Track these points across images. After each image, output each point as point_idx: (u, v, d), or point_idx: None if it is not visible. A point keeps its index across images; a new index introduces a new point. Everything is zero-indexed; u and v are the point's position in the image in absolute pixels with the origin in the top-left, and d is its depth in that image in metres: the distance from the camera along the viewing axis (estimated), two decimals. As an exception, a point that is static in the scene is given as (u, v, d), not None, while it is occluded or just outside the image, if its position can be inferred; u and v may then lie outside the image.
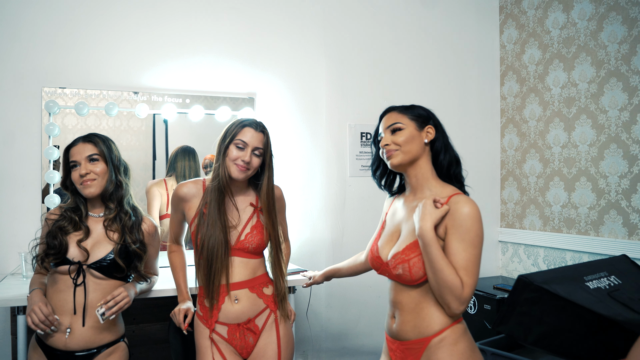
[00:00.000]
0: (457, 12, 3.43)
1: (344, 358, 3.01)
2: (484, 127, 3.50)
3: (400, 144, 1.67)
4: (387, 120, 1.72)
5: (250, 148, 1.88)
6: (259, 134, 1.90)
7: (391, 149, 1.67)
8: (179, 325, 1.95)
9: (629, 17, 2.75)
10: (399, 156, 1.67)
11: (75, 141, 1.97)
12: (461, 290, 1.54)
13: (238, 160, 1.87)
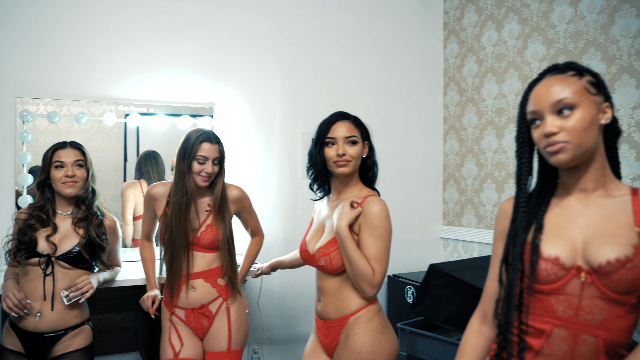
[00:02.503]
0: (404, 28, 3.74)
1: (296, 344, 3.29)
2: (428, 134, 3.82)
3: (353, 157, 1.93)
4: (343, 129, 1.92)
5: (210, 160, 2.16)
6: (214, 146, 2.18)
7: (346, 159, 1.91)
8: (147, 310, 2.23)
9: (548, 38, 3.09)
10: (350, 167, 1.92)
11: (63, 144, 2.26)
12: (372, 277, 1.84)
13: (202, 173, 2.15)
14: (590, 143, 1.21)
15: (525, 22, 3.26)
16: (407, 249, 3.67)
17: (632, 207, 1.21)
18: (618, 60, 2.77)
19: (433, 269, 2.39)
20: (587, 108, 1.21)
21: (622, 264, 1.16)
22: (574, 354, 1.20)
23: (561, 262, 1.23)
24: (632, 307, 1.19)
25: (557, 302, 1.23)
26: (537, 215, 1.31)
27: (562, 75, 1.25)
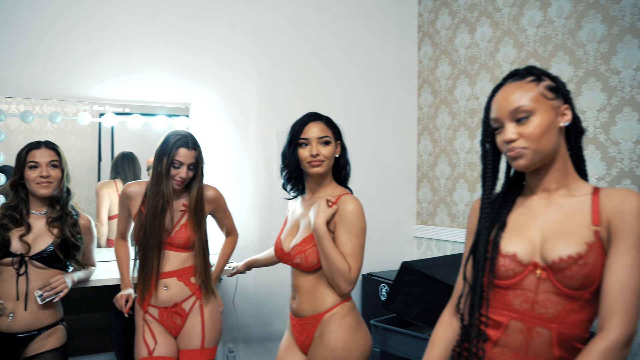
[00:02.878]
0: (379, 29, 3.79)
1: (272, 342, 3.31)
2: (403, 134, 3.87)
3: (327, 157, 1.97)
4: (316, 130, 1.96)
5: (185, 166, 2.18)
6: (191, 152, 2.20)
7: (320, 159, 1.94)
8: (120, 309, 2.24)
9: (519, 41, 3.17)
10: (323, 167, 1.96)
11: (37, 144, 2.25)
12: (349, 273, 1.88)
13: (176, 177, 2.18)
14: (549, 147, 1.27)
15: (496, 26, 3.33)
16: (381, 248, 3.72)
17: (591, 206, 1.26)
18: (585, 64, 2.85)
19: (405, 267, 2.44)
20: (543, 114, 1.27)
21: (574, 261, 1.22)
22: (529, 345, 1.26)
23: (518, 258, 1.29)
24: (585, 303, 1.24)
25: (515, 296, 1.28)
26: (501, 214, 1.36)
27: (521, 82, 1.31)
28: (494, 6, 3.36)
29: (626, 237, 1.21)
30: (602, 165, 2.79)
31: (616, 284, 1.19)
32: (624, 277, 1.19)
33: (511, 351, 1.28)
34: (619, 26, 2.71)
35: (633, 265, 1.19)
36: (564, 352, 1.25)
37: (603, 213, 1.24)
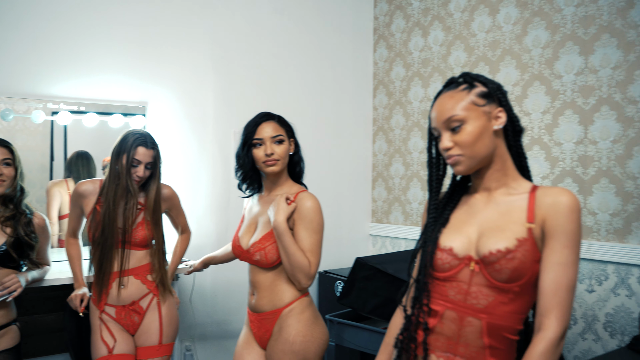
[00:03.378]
0: (336, 31, 3.86)
1: (229, 340, 3.34)
2: (358, 134, 3.96)
3: (281, 156, 2.01)
4: (269, 129, 1.99)
5: (143, 165, 2.21)
6: (149, 151, 2.22)
7: (274, 158, 1.98)
8: (75, 309, 2.22)
9: (469, 45, 3.30)
10: (279, 166, 2.00)
11: None
12: (309, 268, 1.93)
13: (133, 175, 2.19)
14: (483, 151, 1.35)
15: (448, 30, 3.45)
16: (337, 246, 3.79)
17: (527, 204, 1.34)
18: (530, 69, 2.99)
19: (359, 262, 2.51)
20: (475, 121, 1.34)
21: (503, 255, 1.29)
22: (460, 334, 1.34)
23: (454, 252, 1.37)
24: (515, 295, 1.31)
25: (450, 288, 1.37)
26: (444, 213, 1.45)
27: (454, 91, 1.38)
28: (446, 11, 3.48)
29: (559, 236, 1.28)
30: (546, 165, 2.93)
31: (551, 283, 1.27)
32: (557, 276, 1.27)
33: (445, 338, 1.37)
34: (561, 33, 2.86)
35: (566, 263, 1.27)
36: (493, 341, 1.32)
37: (538, 211, 1.31)
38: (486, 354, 1.33)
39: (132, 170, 2.18)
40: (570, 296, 1.27)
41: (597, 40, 2.71)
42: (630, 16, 2.59)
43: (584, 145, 2.77)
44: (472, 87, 1.38)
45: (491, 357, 1.33)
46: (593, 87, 2.73)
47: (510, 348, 1.35)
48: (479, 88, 1.38)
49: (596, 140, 2.73)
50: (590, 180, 2.75)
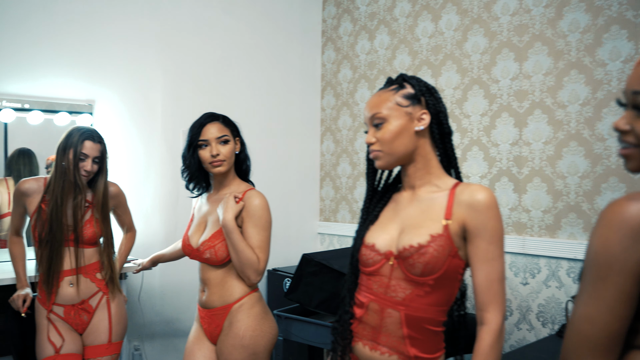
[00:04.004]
0: (285, 33, 3.92)
1: (178, 338, 3.35)
2: (306, 135, 4.04)
3: (227, 156, 2.05)
4: (214, 130, 2.03)
5: (90, 159, 2.21)
6: (96, 145, 2.23)
7: (220, 158, 2.02)
8: (17, 309, 2.20)
9: (413, 49, 3.43)
10: (225, 166, 2.04)
11: None
12: (258, 264, 1.99)
13: (81, 170, 2.19)
14: (402, 149, 1.43)
15: (394, 34, 3.58)
16: (286, 244, 3.85)
17: (447, 201, 1.41)
18: (470, 73, 3.14)
19: (305, 258, 2.58)
20: (396, 120, 1.42)
21: (416, 250, 1.37)
22: (382, 324, 1.43)
23: (377, 248, 1.45)
24: (431, 288, 1.39)
25: (374, 282, 1.45)
26: (374, 210, 1.54)
27: (385, 90, 1.47)
28: (391, 16, 3.60)
29: (483, 234, 1.35)
30: (484, 165, 3.09)
31: (484, 280, 1.36)
32: (488, 272, 1.35)
33: (370, 328, 1.45)
34: (498, 40, 3.02)
35: (494, 258, 1.35)
36: (412, 331, 1.40)
37: (456, 208, 1.38)
38: (406, 344, 1.40)
39: (79, 164, 2.18)
40: (502, 287, 1.37)
41: (531, 47, 2.88)
42: (560, 26, 2.77)
43: (519, 146, 2.94)
44: (401, 87, 1.45)
45: (412, 347, 1.40)
46: (527, 91, 2.90)
47: (432, 339, 1.42)
48: (406, 89, 1.45)
49: (530, 141, 2.90)
50: (524, 179, 2.92)
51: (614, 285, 0.89)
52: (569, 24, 2.74)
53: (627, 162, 0.99)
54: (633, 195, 0.90)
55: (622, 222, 0.88)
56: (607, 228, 0.89)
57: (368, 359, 1.46)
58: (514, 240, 2.94)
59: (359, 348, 1.48)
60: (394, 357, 1.42)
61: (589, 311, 0.91)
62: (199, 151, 2.05)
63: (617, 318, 0.90)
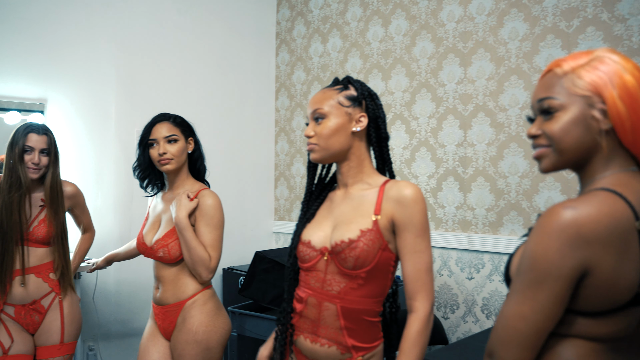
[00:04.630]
0: (239, 35, 3.97)
1: (134, 338, 3.36)
2: (261, 135, 4.10)
3: (175, 155, 2.11)
4: (163, 130, 2.10)
5: (37, 151, 2.21)
6: (42, 137, 2.23)
7: (167, 157, 2.08)
8: None
9: (364, 53, 3.54)
10: (173, 164, 2.10)
11: None
12: (209, 262, 2.05)
13: (29, 163, 2.19)
14: (337, 146, 1.51)
15: (346, 38, 3.68)
16: (241, 243, 3.90)
17: (377, 198, 1.51)
18: (418, 77, 3.28)
19: (259, 256, 2.65)
20: (335, 118, 1.51)
21: (347, 245, 1.46)
22: (320, 317, 1.51)
23: (312, 244, 1.54)
24: (364, 281, 1.47)
25: (311, 277, 1.54)
26: (311, 208, 1.62)
27: (330, 88, 1.56)
28: (343, 20, 3.70)
29: (410, 227, 1.45)
30: (432, 165, 3.23)
31: (412, 271, 1.45)
32: (416, 263, 1.45)
33: (309, 321, 1.53)
34: (444, 46, 3.16)
35: (421, 250, 1.45)
36: (348, 323, 1.48)
37: (385, 204, 1.47)
38: (344, 335, 1.48)
39: (25, 157, 2.18)
40: (430, 277, 1.47)
41: (474, 53, 3.03)
42: (501, 34, 2.93)
43: (464, 147, 3.08)
44: (345, 89, 1.55)
45: (349, 337, 1.49)
46: (471, 95, 3.05)
47: (369, 329, 1.52)
48: (350, 91, 1.54)
49: (474, 143, 3.05)
50: (469, 179, 3.07)
51: (550, 289, 0.98)
52: (509, 32, 2.90)
53: (541, 162, 1.11)
54: (570, 203, 0.99)
55: (561, 231, 0.96)
56: (546, 236, 0.98)
57: (309, 351, 1.53)
58: (459, 237, 3.09)
59: (300, 341, 1.55)
60: (333, 348, 1.50)
61: (523, 310, 1.00)
62: (150, 150, 2.11)
63: (549, 318, 1.00)
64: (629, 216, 0.99)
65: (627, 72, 1.04)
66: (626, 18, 2.50)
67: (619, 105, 1.02)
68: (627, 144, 1.05)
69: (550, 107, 1.07)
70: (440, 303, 3.17)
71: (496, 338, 1.05)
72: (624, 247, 0.98)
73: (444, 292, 3.16)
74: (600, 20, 2.58)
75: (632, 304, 1.01)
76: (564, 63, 1.09)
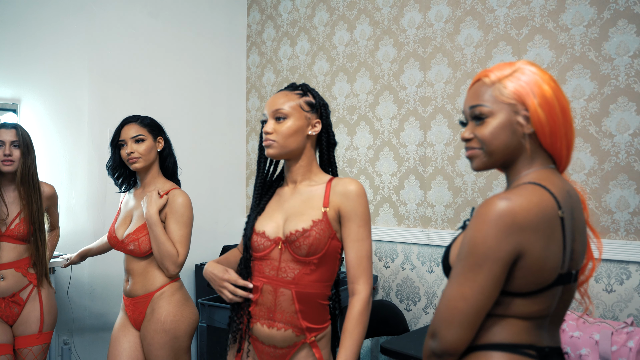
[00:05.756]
0: (210, 37, 4.08)
1: (108, 332, 3.45)
2: (232, 135, 4.22)
3: (142, 153, 2.24)
4: (131, 130, 2.24)
5: (7, 143, 2.34)
6: (10, 130, 2.38)
7: (135, 156, 2.21)
8: None
9: (331, 56, 3.69)
10: (141, 163, 2.23)
11: None
12: (176, 257, 2.17)
13: (0, 156, 2.30)
14: (293, 145, 1.67)
15: (313, 42, 3.82)
16: (213, 240, 4.02)
17: (324, 192, 1.68)
18: (381, 80, 3.43)
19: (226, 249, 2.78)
20: (295, 120, 1.66)
21: (301, 234, 1.62)
22: (276, 302, 1.65)
23: (266, 235, 1.69)
24: (315, 267, 1.63)
25: (266, 265, 1.68)
26: (261, 202, 1.77)
27: (290, 91, 1.72)
28: (311, 24, 3.84)
29: (353, 218, 1.63)
30: (394, 164, 3.39)
31: (354, 257, 1.63)
32: (358, 251, 1.62)
33: (266, 308, 1.67)
34: (405, 50, 3.32)
35: (363, 239, 1.63)
36: (302, 306, 1.63)
37: (332, 197, 1.65)
38: (299, 317, 1.64)
39: None
40: (370, 264, 1.64)
41: (433, 58, 3.20)
42: (457, 40, 3.10)
43: (424, 147, 3.25)
44: (304, 94, 1.71)
45: (303, 320, 1.64)
46: (430, 98, 3.21)
47: (320, 311, 1.68)
48: (309, 98, 1.71)
49: (433, 143, 3.21)
50: (429, 177, 3.24)
51: (488, 271, 1.11)
52: (465, 38, 3.07)
53: (473, 162, 1.27)
54: (504, 195, 1.13)
55: (498, 219, 1.10)
56: (484, 223, 1.11)
57: (267, 336, 1.67)
58: (420, 233, 3.25)
59: (257, 328, 1.68)
60: (289, 331, 1.65)
61: (464, 291, 1.13)
62: (121, 150, 2.24)
63: (487, 298, 1.13)
64: (553, 205, 1.14)
65: (544, 83, 1.20)
66: (569, 28, 2.69)
67: (539, 112, 1.17)
68: (546, 146, 1.20)
69: (481, 113, 1.22)
70: (403, 296, 3.34)
71: (438, 318, 1.16)
72: (550, 232, 1.13)
73: (406, 285, 3.32)
74: (547, 29, 2.77)
75: (556, 283, 1.16)
76: (491, 73, 1.24)
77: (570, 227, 1.18)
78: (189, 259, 3.40)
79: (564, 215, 1.15)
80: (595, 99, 2.62)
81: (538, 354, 1.17)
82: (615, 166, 2.57)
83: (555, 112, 1.19)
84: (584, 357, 2.07)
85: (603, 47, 2.59)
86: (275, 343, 1.66)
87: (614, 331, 2.05)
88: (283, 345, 1.66)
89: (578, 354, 2.10)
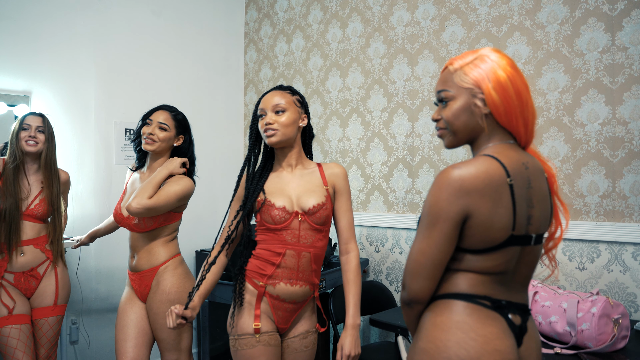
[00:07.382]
0: (210, 34, 4.28)
1: (112, 314, 3.65)
2: (231, 128, 4.42)
3: (159, 139, 2.42)
4: (160, 116, 2.45)
5: (33, 127, 2.55)
6: (37, 117, 2.60)
7: (152, 138, 2.41)
8: None
9: (325, 53, 3.89)
10: (154, 146, 2.41)
11: None
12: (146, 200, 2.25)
13: (25, 137, 2.53)
14: (291, 134, 1.99)
15: (308, 39, 4.02)
16: (213, 228, 4.20)
17: (320, 175, 2.04)
18: (372, 74, 3.64)
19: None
20: (292, 113, 1.99)
21: (320, 207, 1.98)
22: (299, 264, 1.97)
23: (287, 209, 1.97)
24: (325, 233, 2.03)
25: (287, 234, 1.97)
26: (259, 183, 2.02)
27: (282, 91, 2.02)
28: (306, 22, 4.04)
29: (344, 193, 2.05)
30: (384, 154, 3.59)
31: (346, 223, 2.05)
32: (348, 218, 2.06)
33: (288, 270, 1.97)
34: (394, 47, 3.52)
35: (350, 209, 2.06)
36: (316, 265, 2.01)
37: (328, 178, 2.05)
38: (313, 275, 2.01)
39: (22, 134, 2.53)
40: (353, 228, 2.05)
41: (420, 54, 3.40)
42: (442, 37, 3.30)
43: (412, 137, 3.45)
44: (294, 94, 2.04)
45: (315, 277, 2.02)
46: (418, 91, 3.42)
47: (320, 270, 2.06)
48: (297, 97, 2.05)
49: (420, 133, 3.42)
50: (416, 165, 3.44)
51: (441, 228, 1.30)
52: (449, 35, 3.27)
53: (444, 141, 1.47)
54: (457, 165, 1.31)
55: (448, 184, 1.28)
56: (438, 188, 1.30)
57: (290, 294, 1.97)
58: (408, 219, 3.45)
59: (280, 287, 1.96)
60: (307, 287, 2.00)
61: (423, 246, 1.32)
62: (144, 127, 2.45)
63: (442, 252, 1.32)
64: (502, 174, 1.31)
65: (500, 69, 1.38)
66: (544, 25, 2.90)
67: (493, 95, 1.36)
68: (503, 124, 1.39)
69: (445, 97, 1.42)
70: (392, 278, 3.54)
71: (406, 271, 1.36)
72: (497, 196, 1.30)
73: (396, 268, 3.52)
74: (524, 26, 2.97)
75: (508, 243, 1.33)
76: (455, 61, 1.44)
77: (524, 194, 1.34)
78: (189, 245, 3.63)
79: (512, 183, 1.32)
80: (569, 91, 2.83)
81: (493, 304, 1.34)
82: (587, 153, 2.77)
83: (509, 94, 1.36)
84: (553, 323, 2.27)
85: (575, 44, 2.80)
86: (296, 298, 1.98)
87: (580, 300, 2.25)
88: (302, 300, 2.00)
89: (548, 321, 2.30)
